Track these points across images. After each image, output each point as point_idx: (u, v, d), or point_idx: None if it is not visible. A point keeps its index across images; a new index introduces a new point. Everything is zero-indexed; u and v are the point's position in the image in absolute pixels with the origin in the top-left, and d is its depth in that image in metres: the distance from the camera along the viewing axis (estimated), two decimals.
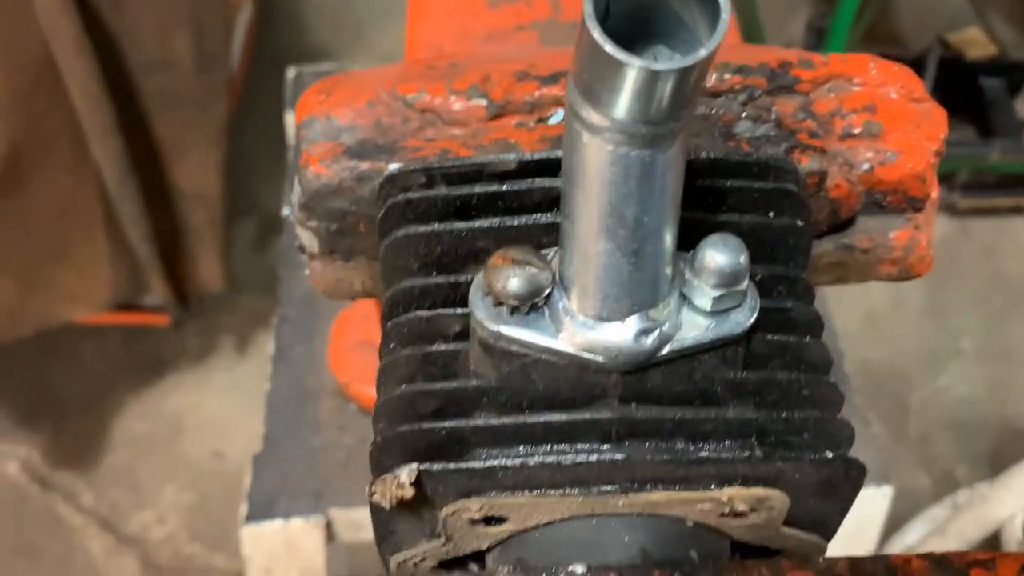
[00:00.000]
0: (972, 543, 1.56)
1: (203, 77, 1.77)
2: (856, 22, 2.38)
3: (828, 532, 0.46)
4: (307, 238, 0.55)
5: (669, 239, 0.40)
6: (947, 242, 2.68)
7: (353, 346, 1.14)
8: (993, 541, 1.58)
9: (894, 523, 1.66)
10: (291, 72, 1.55)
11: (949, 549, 1.55)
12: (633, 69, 0.33)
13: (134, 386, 2.39)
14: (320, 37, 2.91)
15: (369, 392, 1.21)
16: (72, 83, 1.60)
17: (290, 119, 1.52)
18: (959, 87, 2.64)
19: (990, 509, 1.54)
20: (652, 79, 0.33)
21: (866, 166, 0.54)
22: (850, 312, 2.37)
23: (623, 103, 0.34)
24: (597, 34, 0.32)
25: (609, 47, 0.32)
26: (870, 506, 1.12)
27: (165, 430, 2.35)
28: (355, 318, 1.14)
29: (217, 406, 2.39)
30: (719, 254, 0.40)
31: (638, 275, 0.39)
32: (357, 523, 1.09)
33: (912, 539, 1.67)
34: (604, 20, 0.35)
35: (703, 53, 0.32)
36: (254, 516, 1.08)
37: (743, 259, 0.40)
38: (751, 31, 2.72)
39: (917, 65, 2.60)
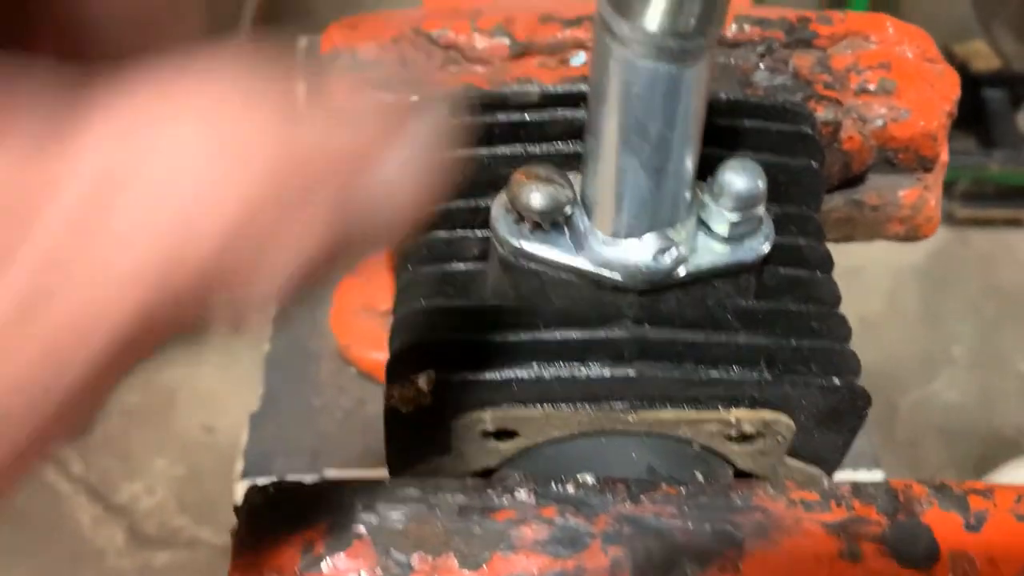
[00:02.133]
0: None
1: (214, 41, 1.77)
2: None
3: (830, 466, 0.47)
4: None
5: (690, 161, 0.41)
6: (945, 250, 2.70)
7: (356, 310, 1.14)
8: None
9: None
10: (303, 42, 1.56)
11: None
12: None
13: None
14: (330, 11, 2.92)
15: (369, 356, 1.23)
16: None
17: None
18: (962, 98, 2.65)
19: None
20: None
21: (879, 122, 0.55)
22: (846, 313, 2.39)
23: (653, 14, 0.35)
24: None
25: None
26: None
27: (158, 402, 2.35)
28: (358, 283, 1.15)
29: (211, 381, 2.39)
30: (738, 177, 0.40)
31: (659, 193, 0.40)
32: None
33: None
34: None
35: None
36: (250, 472, 1.08)
37: (761, 183, 0.41)
38: None
39: None
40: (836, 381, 0.42)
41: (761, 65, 0.55)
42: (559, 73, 0.54)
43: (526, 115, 0.48)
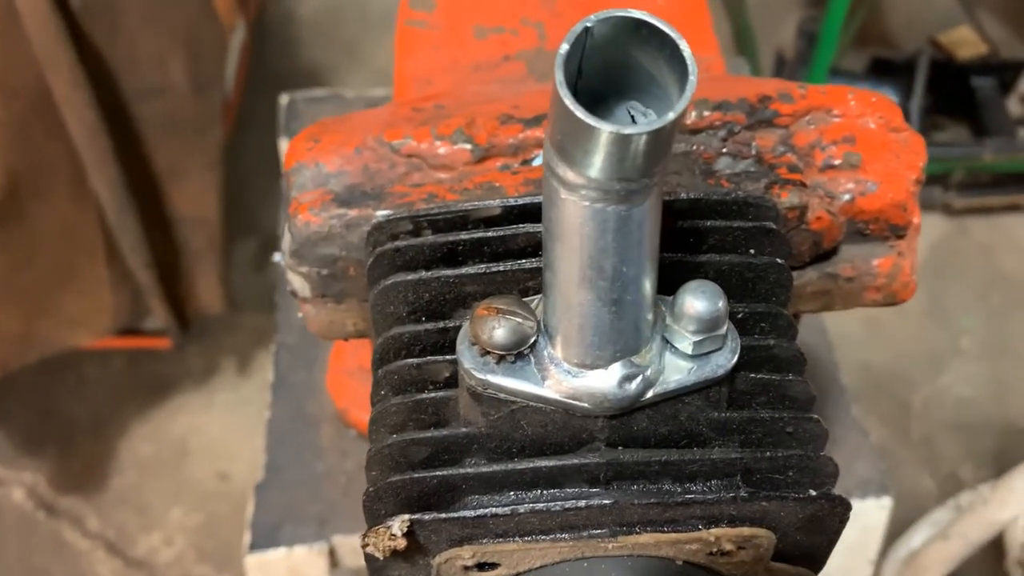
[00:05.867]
0: (975, 545, 1.56)
1: (200, 101, 1.78)
2: (846, 25, 2.39)
3: (816, 564, 0.47)
4: (299, 283, 0.56)
5: (648, 287, 0.41)
6: (945, 242, 2.68)
7: (351, 372, 1.14)
8: (997, 543, 1.58)
9: (899, 526, 1.67)
10: (284, 99, 1.56)
11: (953, 552, 1.55)
12: (604, 133, 0.33)
13: (138, 409, 2.40)
14: (313, 55, 2.93)
15: (368, 418, 1.22)
16: (69, 113, 1.61)
17: (283, 146, 1.53)
18: (951, 88, 2.65)
19: (992, 512, 1.55)
20: (623, 141, 0.34)
21: (847, 197, 0.55)
22: (850, 315, 2.37)
23: (597, 163, 0.35)
24: (568, 101, 0.33)
25: (580, 113, 0.33)
26: (870, 518, 1.13)
27: (170, 452, 2.36)
28: (352, 344, 1.15)
29: (221, 426, 2.40)
30: (697, 301, 0.40)
31: (619, 323, 0.40)
32: (361, 549, 1.09)
33: (916, 542, 1.68)
34: (577, 79, 0.36)
35: (671, 116, 0.33)
36: (258, 545, 1.08)
37: (721, 304, 0.41)
38: (742, 37, 2.73)
39: (909, 67, 2.62)
40: (812, 492, 0.42)
41: (724, 150, 0.55)
42: (521, 176, 0.54)
43: (489, 231, 0.48)
